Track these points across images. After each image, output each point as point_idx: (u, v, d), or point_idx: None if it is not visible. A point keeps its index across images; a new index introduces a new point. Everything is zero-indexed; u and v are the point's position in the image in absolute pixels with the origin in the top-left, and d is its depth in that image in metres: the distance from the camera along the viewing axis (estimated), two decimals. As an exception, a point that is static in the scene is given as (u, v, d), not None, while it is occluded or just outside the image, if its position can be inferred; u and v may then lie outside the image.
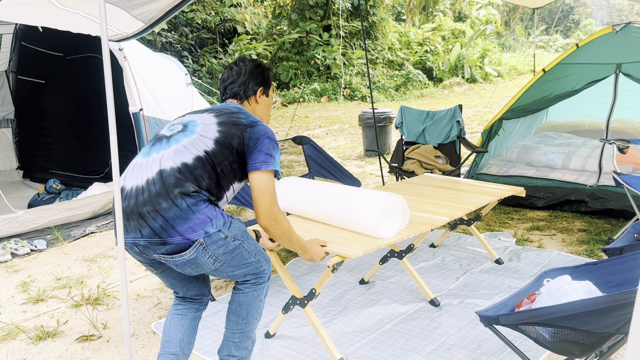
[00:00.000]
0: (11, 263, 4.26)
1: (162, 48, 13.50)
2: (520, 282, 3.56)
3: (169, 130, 2.32)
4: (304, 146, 4.43)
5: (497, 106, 12.23)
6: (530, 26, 25.04)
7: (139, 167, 2.23)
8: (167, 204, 2.08)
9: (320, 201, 2.92)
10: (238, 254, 2.21)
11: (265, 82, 2.52)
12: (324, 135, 9.97)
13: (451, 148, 5.14)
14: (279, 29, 16.49)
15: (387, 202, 2.71)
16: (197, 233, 2.08)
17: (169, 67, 6.34)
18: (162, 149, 2.23)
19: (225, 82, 2.49)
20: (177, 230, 2.07)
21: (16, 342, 3.11)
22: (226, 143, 2.20)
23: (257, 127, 2.26)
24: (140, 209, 2.11)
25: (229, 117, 2.28)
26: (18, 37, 6.29)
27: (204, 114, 2.35)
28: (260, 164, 2.20)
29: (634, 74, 4.83)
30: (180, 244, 2.09)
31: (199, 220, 2.08)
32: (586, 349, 1.92)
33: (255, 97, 2.49)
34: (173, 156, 2.18)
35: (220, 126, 2.24)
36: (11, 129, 6.70)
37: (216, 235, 2.12)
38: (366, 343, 2.93)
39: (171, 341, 2.39)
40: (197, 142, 2.20)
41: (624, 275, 2.16)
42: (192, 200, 2.09)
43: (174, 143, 2.23)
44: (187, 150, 2.18)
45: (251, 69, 2.49)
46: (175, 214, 2.07)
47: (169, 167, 2.15)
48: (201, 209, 2.10)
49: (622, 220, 4.58)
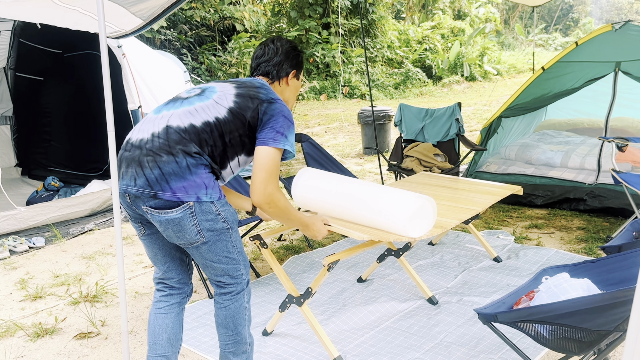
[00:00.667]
0: (9, 260, 4.26)
1: (161, 45, 13.48)
2: (519, 280, 3.56)
3: (186, 93, 2.30)
4: (302, 144, 4.42)
5: (496, 104, 12.24)
6: (530, 24, 25.03)
7: (147, 121, 2.22)
8: (167, 157, 2.07)
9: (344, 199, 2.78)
10: (223, 240, 2.16)
11: (299, 65, 2.48)
12: (323, 133, 9.96)
13: (450, 146, 5.13)
14: (278, 27, 16.47)
15: (419, 205, 2.60)
16: (189, 195, 2.05)
17: (168, 65, 6.33)
18: (174, 108, 2.21)
19: (260, 59, 2.44)
20: (171, 186, 2.04)
21: (14, 339, 3.11)
22: (239, 114, 2.17)
23: (274, 104, 2.22)
24: (140, 158, 2.09)
25: (248, 90, 2.25)
26: (16, 34, 6.28)
27: (225, 83, 2.32)
28: (269, 140, 2.15)
29: (633, 72, 4.82)
30: (169, 200, 2.05)
31: (195, 183, 2.06)
32: (584, 347, 1.92)
33: (287, 79, 2.45)
34: (182, 116, 2.16)
35: (237, 97, 2.21)
36: (9, 126, 6.69)
37: (207, 206, 2.08)
38: (364, 340, 2.93)
39: (158, 342, 2.32)
40: (210, 107, 2.18)
41: (622, 273, 2.16)
42: (192, 160, 2.07)
43: (186, 105, 2.21)
44: (198, 113, 2.16)
45: (287, 50, 2.44)
46: (173, 169, 2.05)
47: (176, 124, 2.13)
48: (200, 172, 2.07)
49: (621, 219, 4.58)
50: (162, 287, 2.39)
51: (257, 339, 2.96)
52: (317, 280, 2.71)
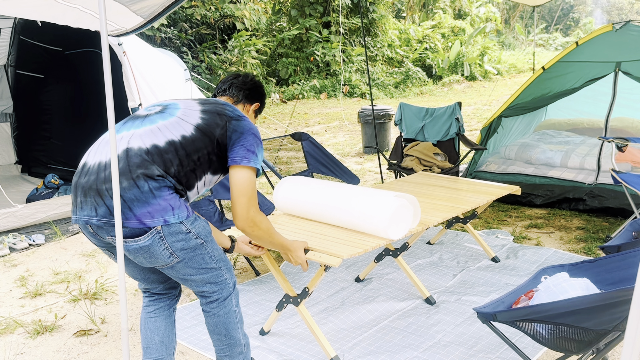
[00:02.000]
0: (9, 257, 4.26)
1: (161, 43, 13.48)
2: (518, 279, 3.57)
3: (146, 110, 2.21)
4: (302, 142, 4.42)
5: (496, 104, 12.24)
6: (530, 24, 25.03)
7: (104, 143, 2.11)
8: (127, 183, 1.95)
9: (326, 204, 2.85)
10: (198, 254, 2.09)
11: (263, 104, 2.53)
12: (323, 131, 9.96)
13: (450, 145, 5.13)
14: (279, 26, 16.47)
15: (398, 205, 2.65)
16: (155, 220, 1.95)
17: (168, 63, 6.33)
18: (134, 128, 2.10)
19: (227, 83, 2.46)
20: (134, 212, 1.94)
21: (14, 336, 3.11)
22: (208, 131, 2.10)
23: (243, 122, 2.18)
24: (99, 186, 1.98)
25: (215, 106, 2.20)
26: (17, 31, 6.27)
27: (187, 100, 2.26)
28: (241, 159, 2.10)
29: (633, 72, 4.83)
30: (135, 228, 1.95)
31: (160, 206, 1.95)
32: (583, 346, 1.93)
33: (250, 107, 2.47)
34: (144, 136, 2.05)
35: (203, 114, 2.15)
36: (10, 124, 6.69)
37: (176, 227, 1.99)
38: (363, 340, 2.93)
39: (152, 346, 2.31)
40: (175, 125, 2.09)
41: (621, 273, 2.17)
42: (155, 184, 1.96)
43: (148, 123, 2.10)
44: (161, 132, 2.06)
45: (258, 85, 2.50)
46: (135, 195, 1.94)
47: (137, 146, 2.02)
48: (164, 195, 1.97)
49: (620, 219, 4.58)
50: (148, 294, 2.37)
51: (257, 339, 2.96)
52: (314, 280, 2.72)
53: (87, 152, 2.16)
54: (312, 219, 2.98)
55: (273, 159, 7.43)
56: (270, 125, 10.70)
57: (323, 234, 2.75)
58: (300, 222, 2.96)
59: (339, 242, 2.62)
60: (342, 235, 2.72)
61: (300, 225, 2.92)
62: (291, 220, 3.01)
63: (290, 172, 6.55)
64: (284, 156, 7.36)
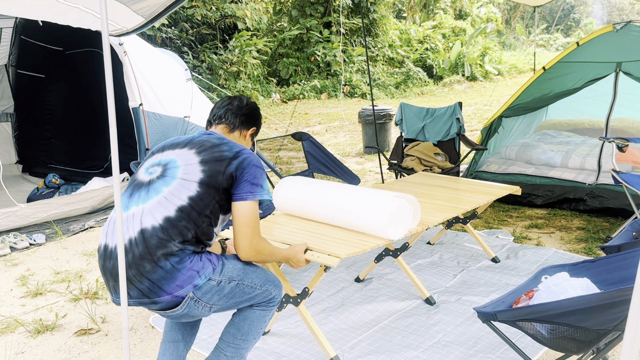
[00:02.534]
0: (10, 257, 4.27)
1: (162, 43, 13.48)
2: (518, 279, 3.57)
3: (147, 174, 2.19)
4: (303, 142, 4.43)
5: (497, 104, 12.24)
6: (531, 24, 25.02)
7: (114, 223, 2.14)
8: (150, 266, 2.01)
9: (326, 204, 2.85)
10: (238, 291, 2.15)
11: (259, 127, 2.51)
12: (324, 132, 9.97)
13: (451, 145, 5.14)
14: (280, 26, 16.47)
15: (398, 205, 2.65)
16: (185, 289, 2.02)
17: (169, 63, 6.33)
18: (142, 202, 2.11)
19: (228, 107, 2.41)
20: (165, 290, 2.02)
21: (15, 335, 3.12)
22: (212, 183, 2.10)
23: (242, 157, 2.15)
24: (126, 272, 2.05)
25: (211, 152, 2.16)
26: (18, 31, 6.28)
27: (184, 149, 2.21)
28: (247, 194, 2.11)
29: (634, 72, 4.83)
30: (169, 302, 2.04)
31: (186, 276, 2.02)
32: (583, 346, 1.93)
33: (247, 132, 2.45)
34: (154, 211, 2.06)
35: (203, 165, 2.12)
36: (10, 123, 6.70)
37: (207, 285, 2.05)
38: (363, 339, 2.93)
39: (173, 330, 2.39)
40: (179, 189, 2.09)
41: (621, 273, 2.17)
42: (176, 259, 2.02)
43: (154, 194, 2.10)
44: (169, 201, 2.07)
45: (253, 108, 2.48)
46: (161, 275, 2.01)
47: (151, 225, 2.04)
48: (186, 265, 2.02)
49: (621, 219, 4.58)
50: None
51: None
52: (314, 280, 2.72)
53: (103, 233, 2.18)
54: (311, 219, 2.98)
55: (274, 158, 7.43)
56: (271, 125, 10.70)
57: (322, 234, 2.75)
58: (300, 222, 2.96)
59: (339, 242, 2.62)
60: (341, 235, 2.72)
61: (299, 225, 2.92)
62: (291, 220, 3.01)
63: (290, 172, 6.55)
64: (284, 156, 7.37)
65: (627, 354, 1.18)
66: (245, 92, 13.83)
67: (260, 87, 14.50)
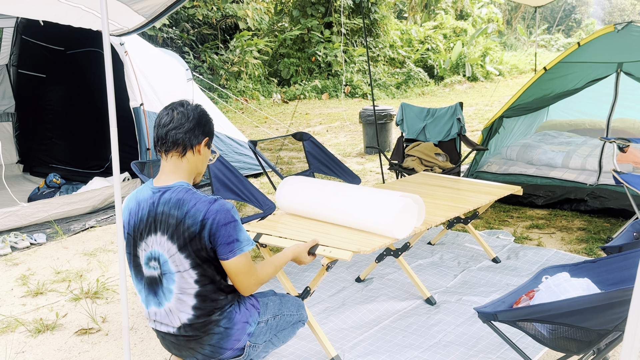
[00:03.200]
0: (11, 256, 4.27)
1: (163, 43, 13.49)
2: (519, 280, 3.57)
3: (149, 269, 2.14)
4: (304, 142, 4.43)
5: (498, 104, 12.23)
6: (532, 25, 25.01)
7: (161, 316, 2.18)
8: (207, 336, 2.14)
9: (330, 204, 2.86)
10: (282, 322, 2.30)
11: (211, 133, 2.22)
12: (325, 132, 9.97)
13: (451, 146, 5.14)
14: (280, 26, 16.48)
15: (404, 205, 2.66)
16: (242, 340, 2.16)
17: (170, 63, 6.33)
18: (166, 300, 2.14)
19: (167, 127, 2.09)
20: (225, 348, 2.15)
21: (15, 334, 3.12)
22: (201, 260, 2.06)
23: (208, 224, 2.03)
24: (184, 347, 2.18)
25: (181, 234, 2.05)
26: (19, 31, 6.29)
27: (157, 235, 2.10)
28: (227, 255, 2.06)
29: (635, 73, 4.82)
30: (232, 355, 2.18)
31: (238, 329, 2.15)
32: (584, 346, 1.93)
33: (200, 147, 2.15)
34: (181, 307, 2.12)
35: (183, 252, 2.06)
36: (12, 123, 6.71)
37: (258, 329, 2.20)
38: (363, 339, 2.93)
39: None
40: (183, 281, 2.09)
41: (622, 273, 2.17)
42: (224, 321, 2.14)
43: (169, 295, 2.12)
44: (185, 294, 2.10)
45: (199, 115, 2.14)
46: (218, 338, 2.14)
47: (187, 319, 2.12)
48: (235, 320, 2.14)
49: (622, 220, 4.58)
50: None
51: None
52: (315, 279, 2.72)
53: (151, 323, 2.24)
54: (315, 219, 2.98)
55: (274, 159, 7.43)
56: (272, 125, 10.71)
57: (328, 233, 2.76)
58: (304, 222, 2.96)
59: (345, 241, 2.63)
60: (346, 234, 2.73)
61: (304, 224, 2.92)
62: (295, 220, 3.01)
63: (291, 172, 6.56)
64: (285, 156, 7.37)
65: (627, 354, 1.18)
66: (246, 92, 13.84)
67: (261, 87, 14.50)
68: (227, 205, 2.06)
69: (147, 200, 2.13)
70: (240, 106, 12.77)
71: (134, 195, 2.19)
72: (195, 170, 2.20)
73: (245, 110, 12.45)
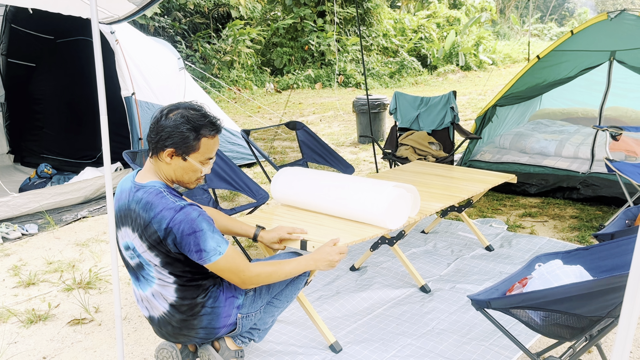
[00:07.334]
0: (2, 247, 4.24)
1: (154, 32, 13.37)
2: (512, 267, 3.58)
3: (129, 258, 2.23)
4: (297, 132, 4.41)
5: (491, 94, 12.24)
6: (525, 14, 24.98)
7: (147, 299, 2.27)
8: (196, 320, 2.20)
9: (324, 195, 2.84)
10: (274, 285, 2.35)
11: (180, 146, 2.08)
12: (318, 121, 9.94)
13: (445, 134, 5.13)
14: (273, 15, 16.37)
15: (396, 195, 2.65)
16: (232, 315, 2.23)
17: (162, 51, 6.28)
18: (149, 285, 2.22)
19: (150, 126, 2.19)
20: (219, 326, 2.23)
21: (7, 325, 3.10)
22: (170, 258, 2.12)
23: (172, 233, 2.03)
24: (178, 333, 2.26)
25: (148, 235, 2.08)
26: (8, 20, 6.21)
27: (128, 229, 2.16)
28: (199, 261, 2.08)
29: (628, 61, 4.82)
30: (228, 330, 2.28)
31: (226, 305, 2.21)
32: (576, 333, 1.94)
33: (163, 154, 2.10)
34: (164, 293, 2.20)
35: (152, 250, 2.11)
36: (2, 113, 6.64)
37: (248, 299, 2.26)
38: (357, 327, 2.94)
39: None
40: (161, 274, 2.17)
41: (614, 260, 2.17)
42: (209, 300, 2.19)
43: (151, 281, 2.20)
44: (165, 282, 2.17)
45: (173, 125, 2.08)
46: (209, 319, 2.21)
47: (174, 301, 2.20)
48: (220, 297, 2.21)
49: (614, 207, 4.60)
50: None
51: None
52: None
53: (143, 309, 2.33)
54: (309, 209, 2.97)
55: (268, 148, 7.41)
56: (265, 115, 10.67)
57: (321, 224, 2.75)
58: (298, 213, 2.95)
59: (338, 232, 2.62)
60: (340, 225, 2.72)
61: (298, 215, 2.91)
62: (289, 211, 3.01)
63: (284, 162, 6.53)
64: (278, 145, 7.34)
65: (621, 340, 1.18)
66: (239, 81, 13.77)
67: (254, 76, 14.43)
68: (192, 215, 2.01)
69: (127, 191, 2.18)
70: (233, 96, 12.70)
71: (121, 183, 2.26)
72: (172, 177, 2.17)
73: (238, 100, 12.39)
